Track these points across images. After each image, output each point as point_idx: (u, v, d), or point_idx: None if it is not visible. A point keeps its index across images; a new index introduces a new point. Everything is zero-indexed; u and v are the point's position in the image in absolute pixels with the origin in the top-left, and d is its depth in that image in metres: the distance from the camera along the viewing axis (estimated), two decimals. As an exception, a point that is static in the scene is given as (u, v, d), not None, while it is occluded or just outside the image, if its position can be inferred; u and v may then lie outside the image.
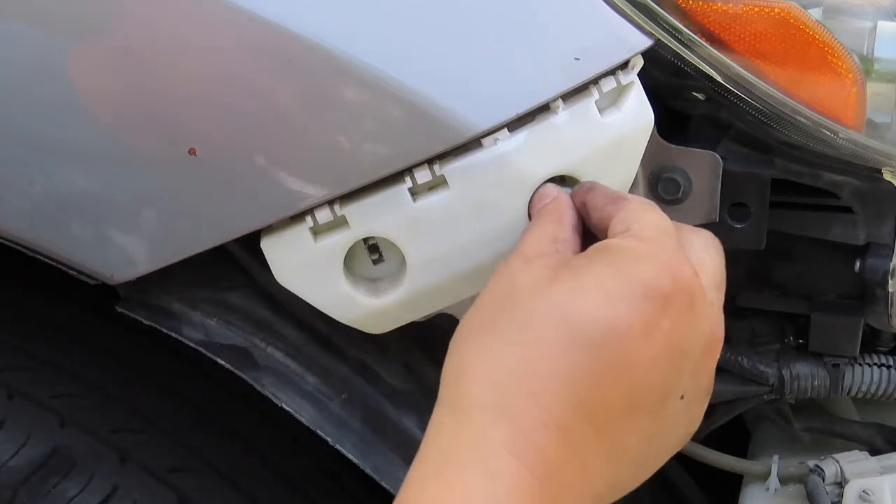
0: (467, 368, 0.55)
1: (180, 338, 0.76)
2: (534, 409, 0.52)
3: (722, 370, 0.88)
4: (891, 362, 0.87)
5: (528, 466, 0.51)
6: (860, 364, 0.87)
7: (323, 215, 0.65)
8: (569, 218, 0.62)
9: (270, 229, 0.66)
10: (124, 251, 0.69)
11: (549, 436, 0.52)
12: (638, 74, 0.68)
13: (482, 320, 0.57)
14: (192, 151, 0.64)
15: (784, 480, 0.89)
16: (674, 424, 0.59)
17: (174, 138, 0.64)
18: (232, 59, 0.63)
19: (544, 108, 0.64)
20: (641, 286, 0.55)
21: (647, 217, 0.59)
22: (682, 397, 0.58)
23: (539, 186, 0.65)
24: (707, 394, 0.61)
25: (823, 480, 0.86)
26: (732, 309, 0.88)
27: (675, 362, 0.57)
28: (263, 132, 0.64)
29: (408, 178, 0.64)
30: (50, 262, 0.70)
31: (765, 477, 0.90)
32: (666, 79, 0.73)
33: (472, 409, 0.53)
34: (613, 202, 0.62)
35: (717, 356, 0.60)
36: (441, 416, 0.54)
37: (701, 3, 0.69)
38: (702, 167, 0.76)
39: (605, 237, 0.60)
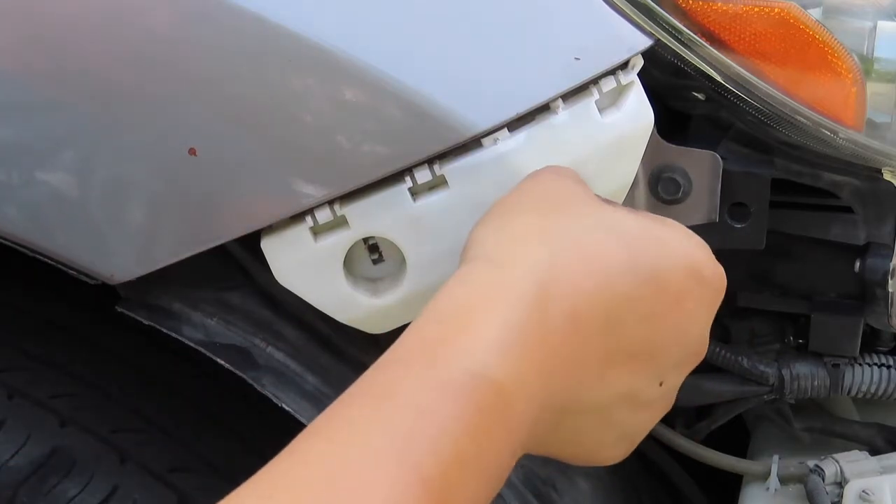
0: (510, 234, 0.55)
1: (180, 338, 0.75)
2: (559, 292, 0.51)
3: (722, 370, 0.88)
4: (891, 362, 0.87)
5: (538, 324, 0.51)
6: (860, 364, 0.87)
7: (323, 215, 0.65)
8: None
9: (270, 229, 0.66)
10: (124, 251, 0.69)
11: (564, 321, 0.51)
12: (638, 74, 0.68)
13: (527, 206, 0.57)
14: (192, 151, 0.64)
15: (784, 480, 0.89)
16: (639, 405, 0.57)
17: (171, 138, 0.64)
18: (232, 59, 0.63)
19: (544, 108, 0.64)
20: (690, 260, 0.57)
21: None
22: (661, 384, 0.58)
23: None
24: (667, 405, 0.60)
25: (823, 480, 0.85)
26: (732, 309, 0.88)
27: (680, 338, 0.57)
28: (263, 132, 0.64)
29: (408, 178, 0.64)
30: (50, 262, 0.70)
31: (765, 477, 0.90)
32: (666, 79, 0.73)
33: (513, 266, 0.52)
34: None
35: (692, 367, 0.60)
36: (476, 267, 0.54)
37: (701, 3, 0.69)
38: (702, 167, 0.76)
39: None
